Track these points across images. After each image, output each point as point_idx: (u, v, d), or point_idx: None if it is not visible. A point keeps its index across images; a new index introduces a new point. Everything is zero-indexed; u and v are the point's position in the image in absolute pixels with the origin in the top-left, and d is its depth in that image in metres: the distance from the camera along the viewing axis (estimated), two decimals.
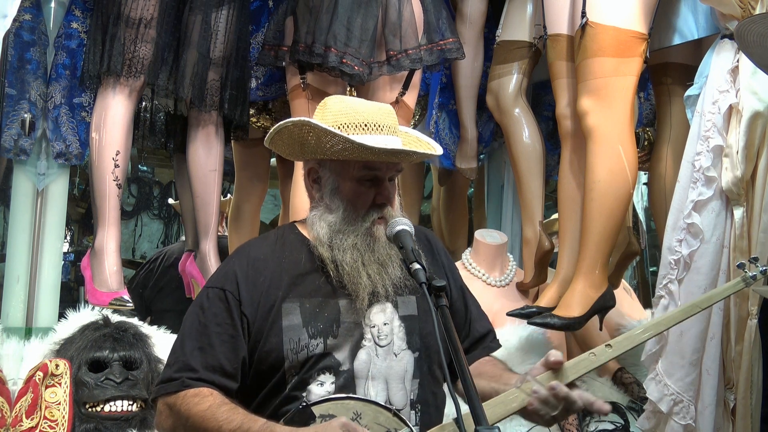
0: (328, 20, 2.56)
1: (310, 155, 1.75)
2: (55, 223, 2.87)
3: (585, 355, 1.67)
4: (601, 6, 2.57)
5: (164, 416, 1.64)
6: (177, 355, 1.66)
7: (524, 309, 2.76)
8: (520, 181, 3.15)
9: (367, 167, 1.69)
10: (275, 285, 1.69)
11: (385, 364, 1.67)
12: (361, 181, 1.70)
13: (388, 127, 1.70)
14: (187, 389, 1.60)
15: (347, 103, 1.74)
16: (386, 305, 1.71)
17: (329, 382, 1.63)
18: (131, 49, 2.65)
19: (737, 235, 2.29)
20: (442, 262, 1.88)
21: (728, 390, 2.34)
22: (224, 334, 1.65)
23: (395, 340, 1.69)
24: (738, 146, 2.28)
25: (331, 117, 1.70)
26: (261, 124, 3.34)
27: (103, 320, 2.53)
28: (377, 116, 1.70)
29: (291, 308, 1.67)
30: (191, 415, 1.57)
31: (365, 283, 1.66)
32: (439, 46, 2.76)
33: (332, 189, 1.73)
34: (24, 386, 2.34)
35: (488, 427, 1.25)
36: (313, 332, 1.65)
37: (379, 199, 1.71)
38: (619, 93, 2.57)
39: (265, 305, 1.67)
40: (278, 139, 1.76)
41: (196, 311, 1.70)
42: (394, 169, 1.72)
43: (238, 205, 3.58)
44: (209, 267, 2.89)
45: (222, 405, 1.56)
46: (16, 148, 2.78)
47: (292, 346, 1.64)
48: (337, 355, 1.65)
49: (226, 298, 1.67)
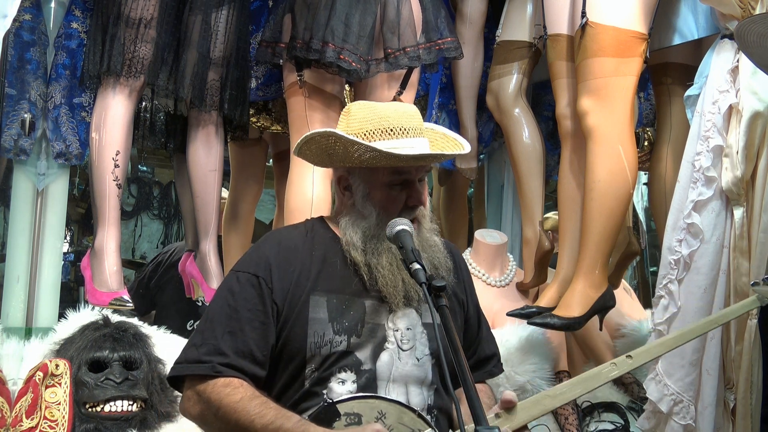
0: (326, 16, 2.56)
1: (338, 163, 1.77)
2: (55, 223, 2.87)
3: (607, 364, 1.69)
4: (601, 6, 2.57)
5: (192, 402, 1.62)
6: (205, 336, 1.64)
7: (524, 309, 2.76)
8: (520, 181, 3.15)
9: (396, 172, 1.71)
10: (305, 276, 1.69)
11: (407, 368, 1.67)
12: (392, 185, 1.72)
13: (414, 130, 1.71)
14: (218, 376, 1.58)
15: (371, 108, 1.75)
16: (410, 311, 1.71)
17: (350, 380, 1.63)
18: (131, 49, 2.65)
19: (737, 235, 2.29)
20: (464, 278, 1.89)
21: (728, 390, 2.34)
22: (255, 321, 1.64)
23: (418, 345, 1.70)
24: (738, 146, 2.28)
25: (357, 124, 1.71)
26: (261, 124, 3.34)
27: (103, 320, 2.53)
28: (402, 120, 1.71)
29: (318, 301, 1.67)
30: (222, 406, 1.55)
31: (400, 286, 1.68)
32: (437, 45, 2.76)
33: (363, 195, 1.74)
34: (24, 386, 2.34)
35: (488, 427, 1.25)
36: (338, 329, 1.65)
37: (411, 202, 1.73)
38: (619, 93, 2.57)
39: (294, 295, 1.67)
40: (306, 149, 1.78)
41: (225, 295, 1.68)
42: (423, 170, 1.74)
43: (233, 205, 3.58)
44: (209, 267, 2.89)
45: (254, 398, 1.55)
46: (16, 148, 2.78)
47: (316, 339, 1.64)
48: (358, 354, 1.65)
49: (259, 284, 1.67)
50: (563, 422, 2.82)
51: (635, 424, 2.76)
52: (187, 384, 1.65)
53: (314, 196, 2.51)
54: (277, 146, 3.62)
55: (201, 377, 1.61)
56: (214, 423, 1.59)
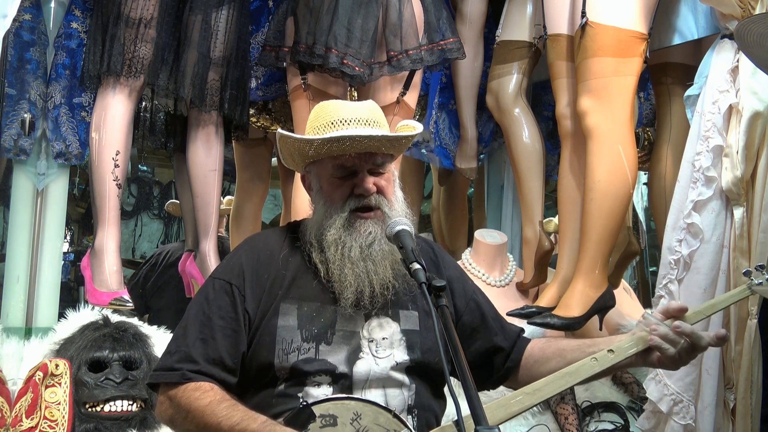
0: (328, 21, 2.56)
1: (301, 164, 1.80)
2: (55, 223, 2.87)
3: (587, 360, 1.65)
4: (601, 6, 2.57)
5: (165, 407, 1.64)
6: (179, 344, 1.66)
7: (524, 309, 2.76)
8: (520, 181, 3.15)
9: (339, 163, 1.70)
10: (278, 284, 1.70)
11: (385, 372, 1.66)
12: (338, 177, 1.72)
13: (357, 121, 1.70)
14: (188, 382, 1.60)
15: (324, 106, 1.77)
16: (385, 320, 1.70)
17: (326, 383, 1.63)
18: (131, 49, 2.65)
19: (737, 235, 2.29)
20: (451, 275, 1.86)
21: (728, 390, 2.34)
22: (227, 328, 1.65)
23: (396, 353, 1.69)
24: (738, 146, 2.28)
25: (311, 123, 1.76)
26: (261, 124, 3.34)
27: (103, 320, 2.53)
28: (344, 113, 1.71)
29: (288, 309, 1.67)
30: (191, 410, 1.57)
31: (350, 280, 1.65)
32: (439, 46, 2.76)
33: (317, 190, 1.77)
34: (24, 386, 2.34)
35: (488, 427, 1.25)
36: (307, 336, 1.65)
37: (356, 190, 1.70)
38: (619, 93, 2.57)
39: (266, 303, 1.67)
40: (287, 157, 1.81)
41: (201, 301, 1.70)
42: (369, 161, 1.70)
43: (239, 205, 3.58)
44: (209, 267, 2.89)
45: (222, 401, 1.57)
46: (16, 148, 2.78)
47: (283, 346, 1.64)
48: (330, 360, 1.64)
49: (231, 292, 1.68)
50: (563, 422, 2.82)
51: (635, 424, 2.76)
52: (161, 389, 1.66)
53: None
54: None
55: (173, 383, 1.63)
56: (185, 426, 1.60)
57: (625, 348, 1.62)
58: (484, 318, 1.85)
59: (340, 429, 1.51)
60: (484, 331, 1.84)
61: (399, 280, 1.70)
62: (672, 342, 1.60)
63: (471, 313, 1.85)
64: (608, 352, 1.62)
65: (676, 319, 1.62)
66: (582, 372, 1.60)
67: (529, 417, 2.80)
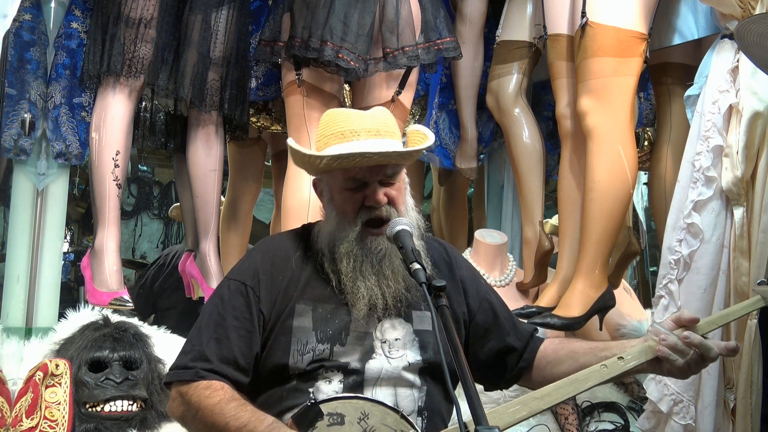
0: (324, 15, 2.56)
1: (314, 172, 1.81)
2: (55, 223, 2.87)
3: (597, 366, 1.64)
4: (601, 6, 2.57)
5: (176, 403, 1.66)
6: (193, 343, 1.69)
7: (524, 309, 2.76)
8: (520, 181, 3.15)
9: (350, 175, 1.70)
10: (293, 285, 1.71)
11: (397, 372, 1.68)
12: (349, 189, 1.72)
13: (368, 131, 1.69)
14: (200, 380, 1.62)
15: (333, 114, 1.77)
16: (398, 320, 1.72)
17: (337, 380, 1.65)
18: (131, 49, 2.65)
19: (737, 235, 2.29)
20: (463, 276, 1.86)
21: (728, 390, 2.34)
22: (241, 329, 1.67)
23: (409, 353, 1.70)
24: (738, 146, 2.28)
25: (320, 131, 1.76)
26: (260, 124, 3.34)
27: (103, 320, 2.53)
28: (356, 123, 1.71)
29: (303, 310, 1.69)
30: (201, 408, 1.58)
31: (362, 292, 1.67)
32: (436, 45, 2.76)
33: (328, 199, 1.77)
34: (24, 386, 2.34)
35: (488, 427, 1.25)
36: (322, 337, 1.66)
37: (367, 202, 1.70)
38: (619, 93, 2.57)
39: (281, 304, 1.69)
40: (299, 162, 1.80)
41: (216, 301, 1.72)
42: (380, 173, 1.70)
43: (232, 205, 3.57)
44: (209, 267, 2.90)
45: (231, 401, 1.58)
46: (16, 148, 2.78)
47: (298, 347, 1.65)
48: (344, 360, 1.66)
49: (246, 293, 1.70)
50: (563, 422, 2.82)
51: (635, 424, 2.75)
52: (173, 386, 1.68)
53: (311, 196, 2.51)
54: (276, 146, 3.61)
55: (186, 381, 1.65)
56: (194, 424, 1.62)
57: (635, 356, 1.61)
58: (497, 318, 1.86)
59: (347, 428, 1.52)
60: (497, 331, 1.84)
61: (412, 290, 1.71)
62: (680, 353, 1.59)
63: (484, 313, 1.85)
64: (618, 359, 1.61)
65: (686, 329, 1.61)
66: (591, 379, 1.59)
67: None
